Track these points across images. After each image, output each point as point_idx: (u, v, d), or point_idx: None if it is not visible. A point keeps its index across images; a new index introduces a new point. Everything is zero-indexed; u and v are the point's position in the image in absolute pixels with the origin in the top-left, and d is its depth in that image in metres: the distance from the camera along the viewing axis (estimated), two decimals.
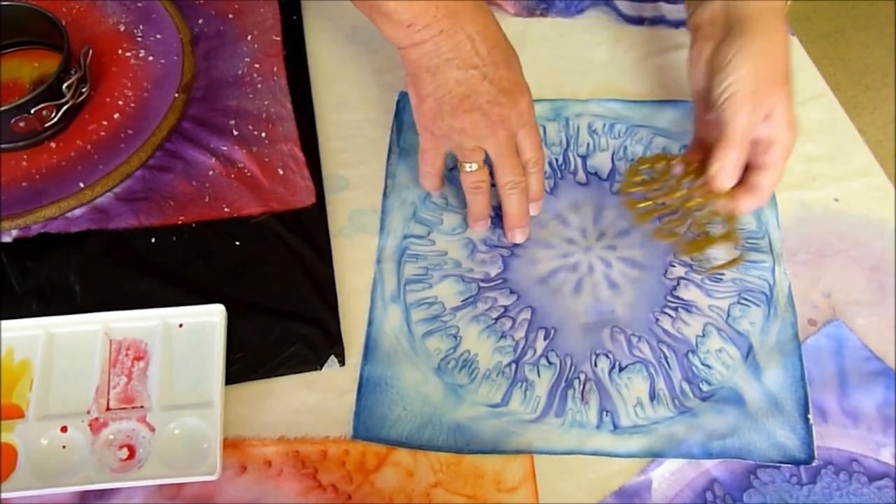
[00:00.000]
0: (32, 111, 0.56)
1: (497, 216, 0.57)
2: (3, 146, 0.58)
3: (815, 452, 0.48)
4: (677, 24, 0.68)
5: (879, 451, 0.49)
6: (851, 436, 0.50)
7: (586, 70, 0.66)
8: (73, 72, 0.58)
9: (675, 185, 0.56)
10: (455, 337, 0.52)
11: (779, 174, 0.53)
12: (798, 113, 0.63)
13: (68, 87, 0.57)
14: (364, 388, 0.50)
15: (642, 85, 0.65)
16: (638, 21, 0.69)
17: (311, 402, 0.50)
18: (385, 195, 0.58)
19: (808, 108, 0.64)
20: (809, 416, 0.50)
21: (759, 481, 0.48)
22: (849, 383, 0.51)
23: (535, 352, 0.52)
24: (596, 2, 0.70)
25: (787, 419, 0.50)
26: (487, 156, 0.53)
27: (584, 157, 0.61)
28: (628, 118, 0.62)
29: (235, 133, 0.61)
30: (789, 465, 0.48)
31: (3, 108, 0.55)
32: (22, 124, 0.56)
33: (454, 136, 0.52)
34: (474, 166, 0.53)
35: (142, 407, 0.49)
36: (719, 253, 0.56)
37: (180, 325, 0.52)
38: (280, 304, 0.53)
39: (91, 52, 0.61)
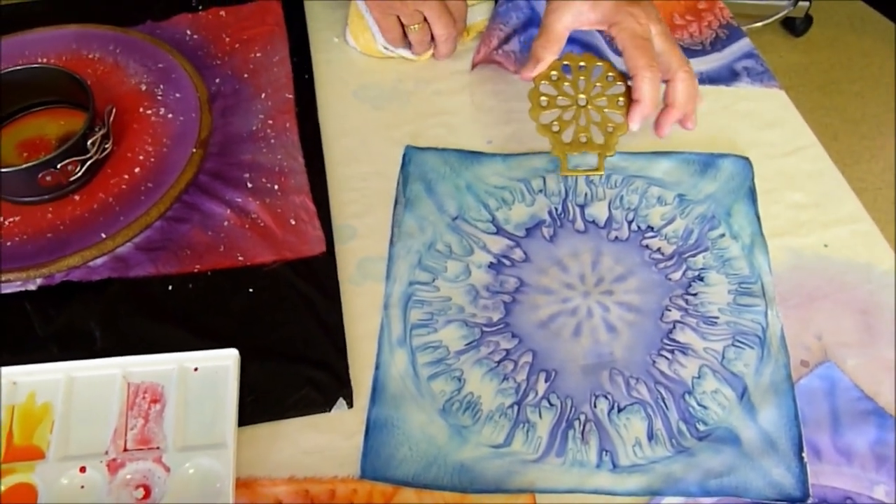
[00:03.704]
0: (59, 166, 0.59)
1: (499, 262, 0.60)
2: (30, 199, 0.61)
3: (810, 490, 0.50)
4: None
5: (873, 488, 0.50)
6: (845, 474, 0.51)
7: None
8: (97, 129, 0.62)
9: (587, 84, 0.63)
10: (459, 379, 0.54)
11: (651, 82, 0.60)
12: (787, 163, 0.67)
13: (92, 144, 0.61)
14: (371, 429, 0.52)
15: (637, 137, 0.68)
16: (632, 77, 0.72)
17: (321, 443, 0.52)
18: (392, 243, 0.61)
19: (796, 158, 0.67)
20: (804, 455, 0.51)
21: None
22: (841, 423, 0.53)
23: (536, 393, 0.54)
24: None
25: (781, 458, 0.51)
26: None
27: (582, 207, 0.63)
28: (624, 169, 0.65)
29: (250, 186, 0.64)
30: (785, 503, 0.50)
31: (31, 164, 0.58)
32: (48, 178, 0.60)
33: (395, 5, 0.68)
34: (417, 26, 0.70)
35: (158, 448, 0.51)
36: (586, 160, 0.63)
37: (195, 369, 0.54)
38: (291, 348, 0.56)
39: (114, 110, 0.64)
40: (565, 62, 0.65)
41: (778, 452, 0.51)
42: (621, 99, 0.63)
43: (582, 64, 0.65)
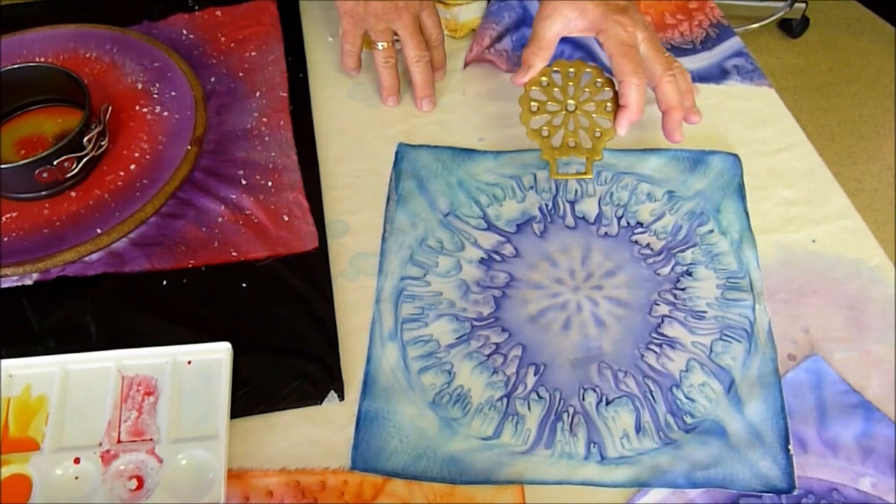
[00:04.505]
0: (55, 163, 0.60)
1: (490, 257, 0.60)
2: (27, 195, 0.62)
3: (796, 482, 0.50)
4: None
5: (858, 480, 0.51)
6: (831, 466, 0.52)
7: None
8: (93, 126, 0.62)
9: (576, 90, 0.64)
10: (449, 373, 0.55)
11: (637, 88, 0.61)
12: (777, 160, 0.67)
13: (89, 141, 0.62)
14: (362, 421, 0.53)
15: (627, 134, 0.68)
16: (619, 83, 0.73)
17: (312, 435, 0.53)
18: (384, 239, 0.61)
19: (786, 155, 0.68)
20: (790, 447, 0.52)
21: None
22: (827, 415, 0.53)
23: (525, 386, 0.54)
24: (583, 58, 0.74)
25: (768, 450, 0.52)
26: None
27: (572, 203, 0.64)
28: (614, 166, 0.66)
29: (244, 182, 0.64)
30: (771, 495, 0.50)
31: (28, 160, 0.59)
32: (45, 175, 0.60)
33: (369, 20, 0.67)
34: (385, 45, 0.68)
35: (151, 440, 0.51)
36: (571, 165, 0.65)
37: (189, 363, 0.55)
38: (283, 342, 0.56)
39: (110, 108, 0.65)
40: (555, 68, 0.66)
41: (764, 445, 0.52)
42: (609, 104, 0.64)
43: (571, 70, 0.66)
